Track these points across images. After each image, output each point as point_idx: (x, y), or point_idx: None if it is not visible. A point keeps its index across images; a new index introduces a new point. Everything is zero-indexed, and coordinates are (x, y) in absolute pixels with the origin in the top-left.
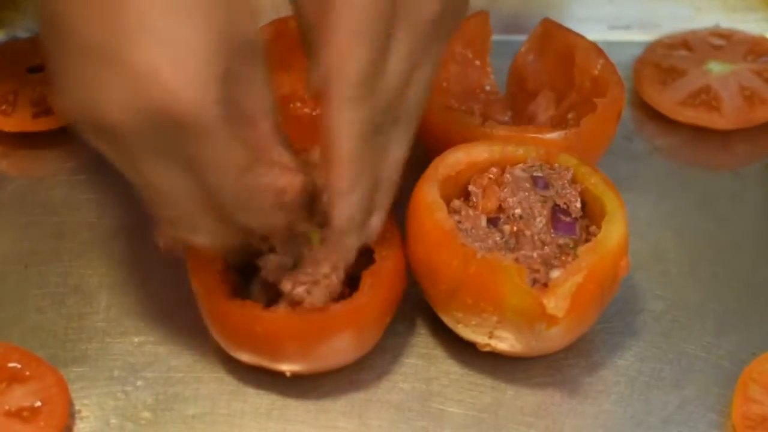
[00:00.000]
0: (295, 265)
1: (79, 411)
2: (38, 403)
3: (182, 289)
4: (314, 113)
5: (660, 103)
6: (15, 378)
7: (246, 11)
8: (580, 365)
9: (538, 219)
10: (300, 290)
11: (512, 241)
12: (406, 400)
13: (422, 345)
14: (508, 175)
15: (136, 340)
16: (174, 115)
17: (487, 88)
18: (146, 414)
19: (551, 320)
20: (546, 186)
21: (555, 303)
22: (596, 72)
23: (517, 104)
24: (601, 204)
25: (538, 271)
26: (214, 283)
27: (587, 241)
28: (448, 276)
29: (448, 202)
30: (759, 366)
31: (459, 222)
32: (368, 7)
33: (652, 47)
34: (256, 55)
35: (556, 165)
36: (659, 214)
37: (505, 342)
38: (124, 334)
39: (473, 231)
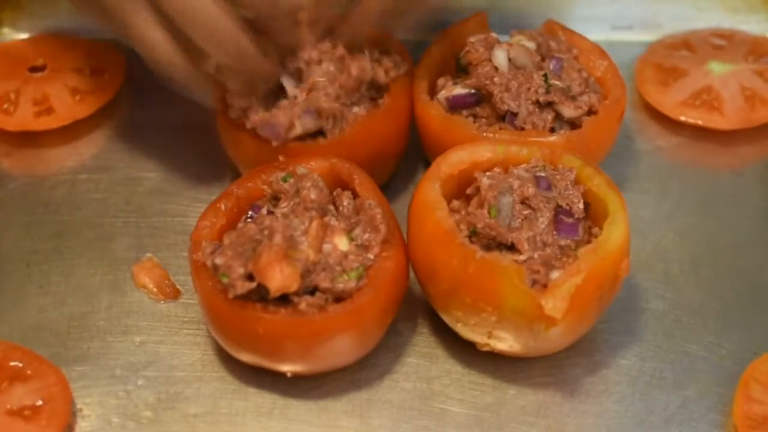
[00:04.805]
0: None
1: (81, 410)
2: (40, 402)
3: (183, 288)
4: None
5: (661, 104)
6: (16, 377)
7: None
8: (581, 365)
9: (541, 220)
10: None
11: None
12: (408, 399)
13: (424, 344)
14: None
15: (137, 339)
16: None
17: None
18: (148, 413)
19: (549, 321)
20: (549, 187)
21: (553, 304)
22: (599, 74)
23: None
24: (604, 205)
25: (538, 271)
26: (215, 284)
27: (589, 242)
28: (447, 275)
29: (450, 202)
30: (760, 365)
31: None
32: None
33: (653, 47)
34: None
35: (560, 166)
36: (661, 214)
37: (503, 342)
38: (126, 333)
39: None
